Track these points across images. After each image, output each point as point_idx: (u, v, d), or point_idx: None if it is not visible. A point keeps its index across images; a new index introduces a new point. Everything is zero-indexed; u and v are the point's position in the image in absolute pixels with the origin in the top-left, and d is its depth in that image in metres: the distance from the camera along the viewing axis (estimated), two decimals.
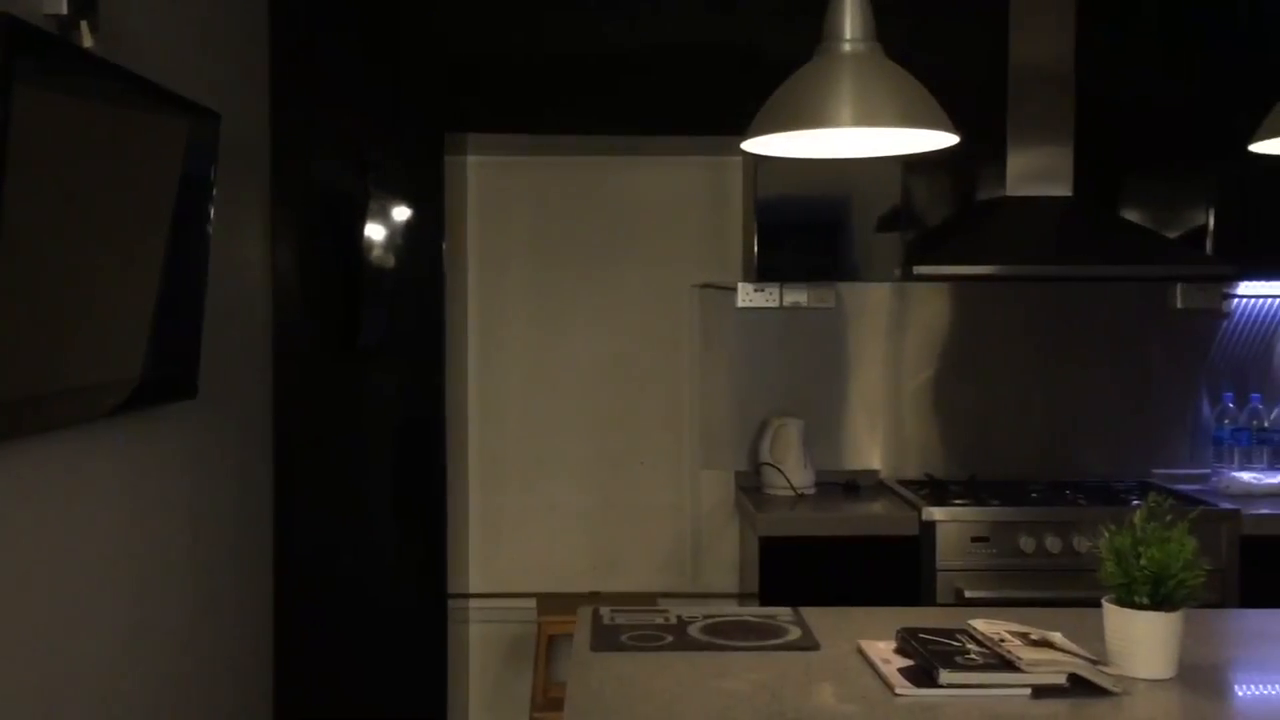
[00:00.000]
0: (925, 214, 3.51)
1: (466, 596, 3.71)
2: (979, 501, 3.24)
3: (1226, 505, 3.21)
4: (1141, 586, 1.77)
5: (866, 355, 3.73)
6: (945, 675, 1.74)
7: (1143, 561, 1.76)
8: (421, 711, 3.35)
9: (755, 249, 3.43)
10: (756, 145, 2.00)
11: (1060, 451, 3.69)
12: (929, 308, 3.72)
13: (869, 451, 3.73)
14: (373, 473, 3.36)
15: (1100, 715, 1.65)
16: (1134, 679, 1.77)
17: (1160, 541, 1.76)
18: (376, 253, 3.35)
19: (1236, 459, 3.58)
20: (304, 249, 3.33)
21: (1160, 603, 1.77)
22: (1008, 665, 1.76)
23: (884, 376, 3.73)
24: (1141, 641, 1.78)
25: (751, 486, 3.60)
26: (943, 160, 2.80)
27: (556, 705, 2.97)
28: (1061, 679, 1.73)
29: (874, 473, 3.70)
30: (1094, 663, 1.77)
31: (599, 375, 3.78)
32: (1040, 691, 1.72)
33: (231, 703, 3.03)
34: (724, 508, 3.77)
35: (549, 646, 3.41)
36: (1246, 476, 3.46)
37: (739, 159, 3.60)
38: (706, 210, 3.77)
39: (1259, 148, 2.02)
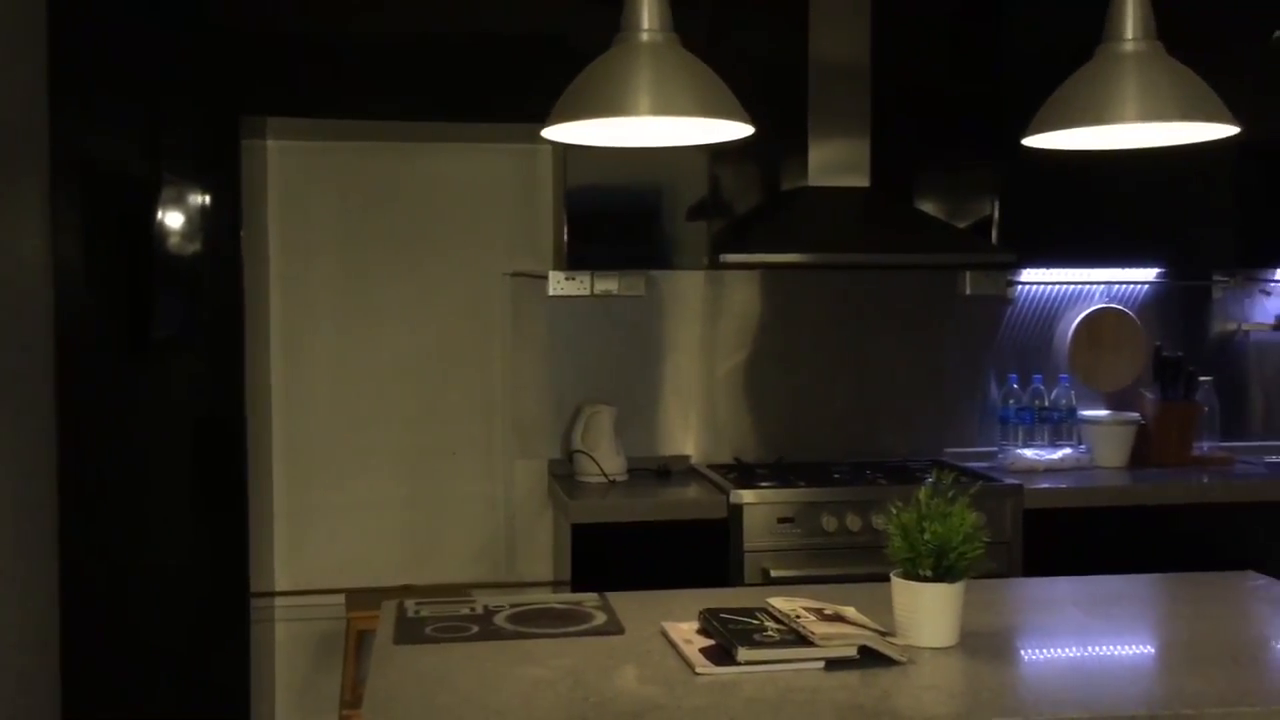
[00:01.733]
0: (732, 203, 3.58)
1: (272, 595, 3.60)
2: (785, 483, 3.33)
3: (1011, 481, 3.40)
4: (925, 560, 1.85)
5: (677, 342, 3.78)
6: (744, 653, 1.78)
7: (926, 536, 1.84)
8: (224, 714, 3.23)
9: (565, 237, 3.44)
10: (556, 133, 2.00)
11: (862, 433, 3.83)
12: (738, 295, 3.80)
13: (681, 437, 3.79)
14: (168, 470, 3.22)
15: (887, 684, 1.72)
16: (919, 648, 1.85)
17: (942, 517, 1.85)
18: (171, 240, 3.20)
19: (1021, 437, 3.79)
20: (90, 236, 3.16)
21: (943, 575, 1.86)
22: (803, 640, 1.82)
23: (695, 363, 3.79)
24: (926, 612, 1.86)
25: (564, 474, 3.60)
26: (748, 151, 2.87)
27: None
28: (852, 651, 1.80)
29: (685, 458, 3.76)
30: (883, 634, 1.85)
31: (409, 365, 3.72)
32: (833, 664, 1.78)
33: (12, 716, 2.85)
34: (537, 496, 3.76)
35: (359, 643, 3.34)
36: (1029, 453, 3.67)
37: (549, 147, 3.59)
38: (517, 198, 3.74)
39: (1030, 142, 2.14)
